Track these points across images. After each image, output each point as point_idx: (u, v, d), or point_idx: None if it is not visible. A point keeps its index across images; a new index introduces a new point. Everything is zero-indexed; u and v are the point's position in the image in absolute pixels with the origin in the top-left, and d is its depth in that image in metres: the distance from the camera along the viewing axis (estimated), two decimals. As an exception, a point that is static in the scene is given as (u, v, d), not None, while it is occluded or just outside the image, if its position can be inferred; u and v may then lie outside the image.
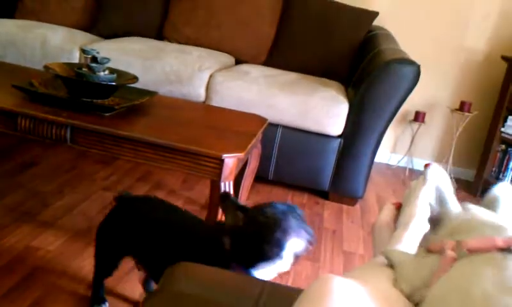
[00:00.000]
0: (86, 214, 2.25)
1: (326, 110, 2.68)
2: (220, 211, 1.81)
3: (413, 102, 3.46)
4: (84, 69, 1.97)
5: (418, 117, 3.54)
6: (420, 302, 0.61)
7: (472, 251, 0.58)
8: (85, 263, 1.87)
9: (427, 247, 0.68)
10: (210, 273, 0.90)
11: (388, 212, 0.96)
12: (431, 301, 0.58)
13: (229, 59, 3.25)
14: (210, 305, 0.77)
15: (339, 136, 2.74)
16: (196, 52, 3.05)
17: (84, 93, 1.95)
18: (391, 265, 0.76)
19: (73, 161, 2.82)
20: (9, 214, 2.13)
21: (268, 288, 0.85)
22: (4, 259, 1.81)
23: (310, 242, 1.25)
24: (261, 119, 2.26)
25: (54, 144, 1.86)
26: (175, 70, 2.80)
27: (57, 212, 2.22)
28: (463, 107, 3.46)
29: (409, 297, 0.65)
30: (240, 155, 1.77)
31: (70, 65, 2.09)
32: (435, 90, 3.65)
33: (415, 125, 3.62)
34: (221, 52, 3.26)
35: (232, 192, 1.80)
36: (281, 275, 2.03)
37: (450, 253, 0.60)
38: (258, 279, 0.89)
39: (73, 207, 2.29)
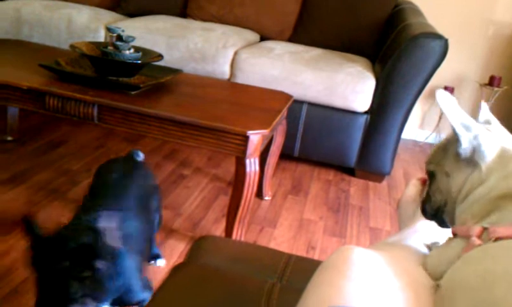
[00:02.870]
0: (114, 191, 2.28)
1: (352, 86, 2.65)
2: (246, 187, 1.81)
3: (441, 77, 3.39)
4: (109, 48, 1.98)
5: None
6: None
7: (501, 239, 0.56)
8: (114, 239, 1.90)
9: (452, 229, 0.67)
10: (236, 246, 0.90)
11: (413, 187, 0.95)
12: (453, 280, 0.57)
13: (253, 36, 3.22)
14: (235, 278, 0.78)
15: (366, 112, 2.71)
16: (220, 30, 3.04)
17: (110, 72, 1.96)
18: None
19: (101, 139, 2.85)
20: (39, 192, 2.18)
21: (293, 262, 0.85)
22: (35, 235, 1.86)
23: None
24: (286, 96, 2.25)
25: (82, 122, 1.88)
26: (199, 47, 2.80)
27: (86, 190, 2.25)
28: (492, 81, 3.38)
29: (431, 275, 0.65)
30: (265, 131, 1.76)
31: (96, 44, 2.10)
32: (464, 65, 3.57)
33: (443, 101, 3.55)
34: (245, 29, 3.24)
35: (257, 169, 1.80)
36: (307, 251, 2.04)
37: (475, 241, 0.59)
38: (283, 252, 0.90)
39: (102, 185, 2.33)
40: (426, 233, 0.77)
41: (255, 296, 0.73)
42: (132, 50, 2.00)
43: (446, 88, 3.47)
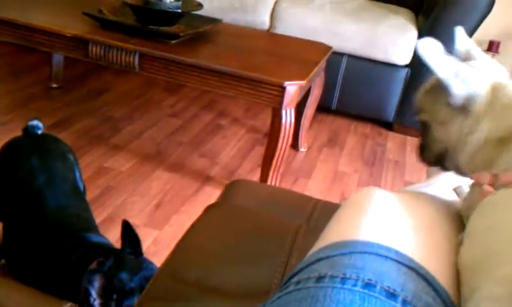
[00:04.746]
0: (154, 139, 2.35)
1: (393, 39, 2.60)
2: (281, 138, 1.84)
3: (486, 31, 3.26)
4: (150, -4, 2.00)
5: (492, 47, 3.36)
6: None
7: None
8: (153, 184, 1.97)
9: (470, 176, 0.67)
10: (266, 190, 0.94)
11: None
12: (468, 228, 0.58)
13: (294, -14, 3.18)
14: (263, 218, 0.81)
15: (406, 66, 2.66)
16: (261, -21, 3.00)
17: (151, 21, 1.99)
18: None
19: (142, 88, 2.91)
20: (83, 137, 2.26)
21: (320, 205, 0.89)
22: (79, 178, 1.95)
23: None
24: (325, 47, 2.24)
25: (124, 71, 1.93)
26: (239, -3, 2.79)
27: (128, 136, 2.33)
28: (543, 36, 3.25)
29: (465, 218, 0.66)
30: (302, 82, 1.77)
31: (137, -7, 2.13)
32: (511, 17, 3.43)
33: (489, 56, 3.44)
34: (286, -21, 3.19)
35: (293, 120, 1.81)
36: (340, 202, 2.07)
37: (487, 188, 0.59)
38: (311, 197, 0.93)
39: (142, 132, 2.40)
40: (451, 177, 0.78)
41: (282, 235, 0.76)
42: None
43: (491, 42, 3.36)
